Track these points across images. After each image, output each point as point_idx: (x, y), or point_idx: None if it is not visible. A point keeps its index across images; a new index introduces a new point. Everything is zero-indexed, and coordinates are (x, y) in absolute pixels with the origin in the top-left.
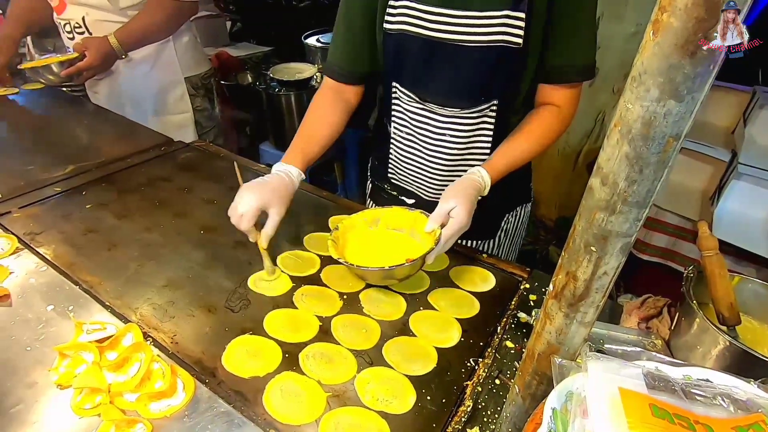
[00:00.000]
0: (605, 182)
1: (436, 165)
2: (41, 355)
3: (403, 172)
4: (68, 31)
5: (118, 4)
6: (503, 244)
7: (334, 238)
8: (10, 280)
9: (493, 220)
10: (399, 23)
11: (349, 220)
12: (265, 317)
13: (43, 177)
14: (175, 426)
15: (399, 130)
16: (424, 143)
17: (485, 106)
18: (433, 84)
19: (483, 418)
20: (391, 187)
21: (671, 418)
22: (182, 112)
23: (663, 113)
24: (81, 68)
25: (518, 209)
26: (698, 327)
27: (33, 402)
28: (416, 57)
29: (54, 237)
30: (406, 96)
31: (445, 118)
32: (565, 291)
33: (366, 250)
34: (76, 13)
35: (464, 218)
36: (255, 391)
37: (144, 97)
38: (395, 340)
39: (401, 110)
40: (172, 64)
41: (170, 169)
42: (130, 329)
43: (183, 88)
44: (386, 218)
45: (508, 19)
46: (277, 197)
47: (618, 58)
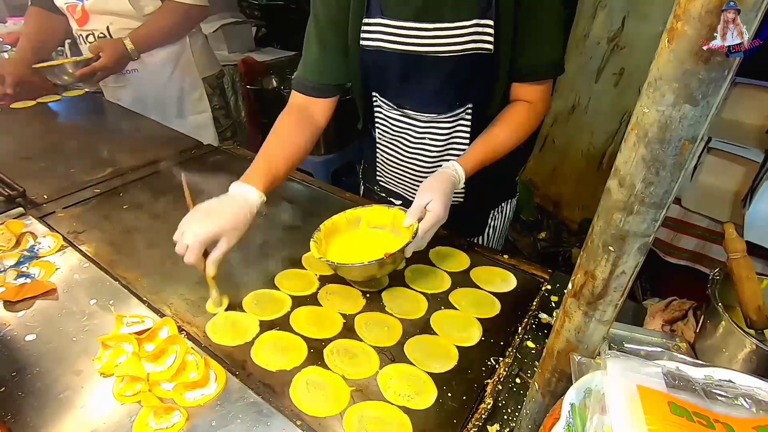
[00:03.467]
0: (623, 184)
1: (418, 166)
2: (86, 345)
3: (389, 174)
4: (91, 41)
5: (143, 12)
6: (491, 239)
7: (316, 239)
8: (56, 275)
9: (480, 217)
10: (375, 40)
11: (330, 221)
12: (291, 314)
13: (84, 179)
14: (208, 414)
15: (382, 135)
16: (406, 147)
17: (461, 110)
18: (410, 94)
19: (503, 416)
20: (380, 189)
21: (690, 416)
22: (202, 112)
23: (678, 117)
24: (95, 69)
25: (503, 205)
26: (724, 330)
27: (79, 388)
28: (393, 70)
29: (95, 236)
30: (386, 105)
31: (424, 123)
32: (583, 290)
33: (348, 249)
34: (100, 23)
35: (440, 210)
36: (282, 384)
37: (166, 101)
38: (417, 338)
39: (383, 117)
40: (191, 67)
41: (201, 172)
42: (166, 323)
43: (201, 88)
44: (367, 216)
45: (478, 28)
46: (229, 226)
47: (644, 58)
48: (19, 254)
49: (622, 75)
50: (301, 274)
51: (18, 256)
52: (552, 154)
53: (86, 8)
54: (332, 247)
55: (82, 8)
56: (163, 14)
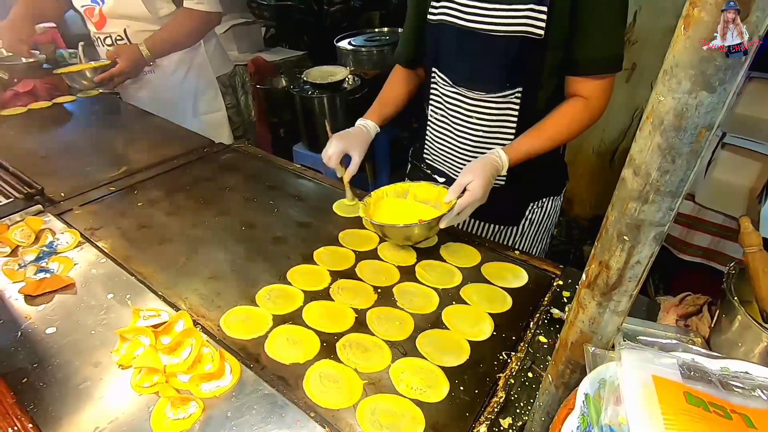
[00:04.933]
0: (637, 173)
1: (465, 145)
2: (104, 338)
3: (436, 152)
4: (109, 44)
5: (158, 15)
6: (527, 233)
7: (366, 203)
8: (74, 270)
9: (516, 207)
10: (439, 15)
11: (382, 190)
12: (303, 309)
13: (100, 177)
14: (224, 405)
15: (435, 112)
16: (455, 124)
17: (509, 92)
18: (463, 68)
19: (516, 410)
20: (426, 167)
21: (706, 406)
22: (217, 111)
23: (695, 104)
24: (113, 74)
25: (545, 200)
26: (740, 324)
27: (98, 380)
28: (451, 44)
29: (111, 232)
30: (441, 80)
31: (474, 101)
32: (598, 280)
33: (392, 216)
34: (117, 26)
35: (478, 191)
36: (296, 377)
37: (182, 101)
38: (428, 332)
39: (438, 93)
40: (206, 67)
41: (213, 170)
42: (182, 316)
43: (216, 88)
44: (415, 191)
45: (531, 12)
46: (356, 143)
47: (657, 52)
48: (39, 250)
49: (633, 70)
50: (313, 269)
51: (37, 251)
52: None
53: (103, 12)
54: (380, 211)
55: (100, 12)
56: (179, 20)
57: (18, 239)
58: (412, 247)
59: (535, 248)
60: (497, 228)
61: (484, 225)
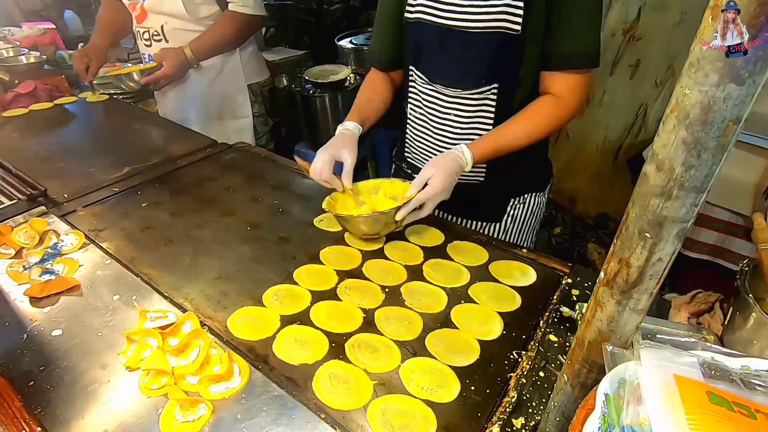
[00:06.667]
0: (661, 168)
1: (442, 142)
2: (111, 340)
3: (416, 150)
4: (146, 38)
5: (198, 15)
6: (510, 230)
7: (333, 197)
8: (79, 272)
9: (497, 203)
10: (417, 13)
11: (354, 186)
12: (311, 309)
13: (103, 178)
14: (233, 407)
15: (413, 110)
16: (432, 121)
17: (486, 89)
18: (441, 65)
19: (528, 409)
20: (407, 166)
21: (730, 405)
22: (243, 117)
23: (723, 97)
24: (159, 77)
25: (526, 196)
26: (755, 322)
27: (105, 382)
28: (428, 42)
29: (115, 233)
30: (419, 78)
31: (450, 98)
32: (617, 278)
33: (357, 211)
34: (156, 22)
35: (438, 185)
36: (305, 378)
37: (208, 103)
38: (437, 332)
39: (415, 92)
40: (237, 73)
41: (216, 170)
42: (189, 317)
43: (245, 94)
44: (385, 187)
45: (507, 8)
46: (342, 146)
47: (661, 49)
48: (43, 251)
49: (638, 67)
50: (319, 269)
51: (42, 253)
52: (566, 149)
53: (144, 7)
54: (345, 205)
55: (141, 6)
56: (223, 23)
57: (22, 241)
58: (418, 246)
59: (522, 245)
60: (479, 225)
61: (466, 222)
